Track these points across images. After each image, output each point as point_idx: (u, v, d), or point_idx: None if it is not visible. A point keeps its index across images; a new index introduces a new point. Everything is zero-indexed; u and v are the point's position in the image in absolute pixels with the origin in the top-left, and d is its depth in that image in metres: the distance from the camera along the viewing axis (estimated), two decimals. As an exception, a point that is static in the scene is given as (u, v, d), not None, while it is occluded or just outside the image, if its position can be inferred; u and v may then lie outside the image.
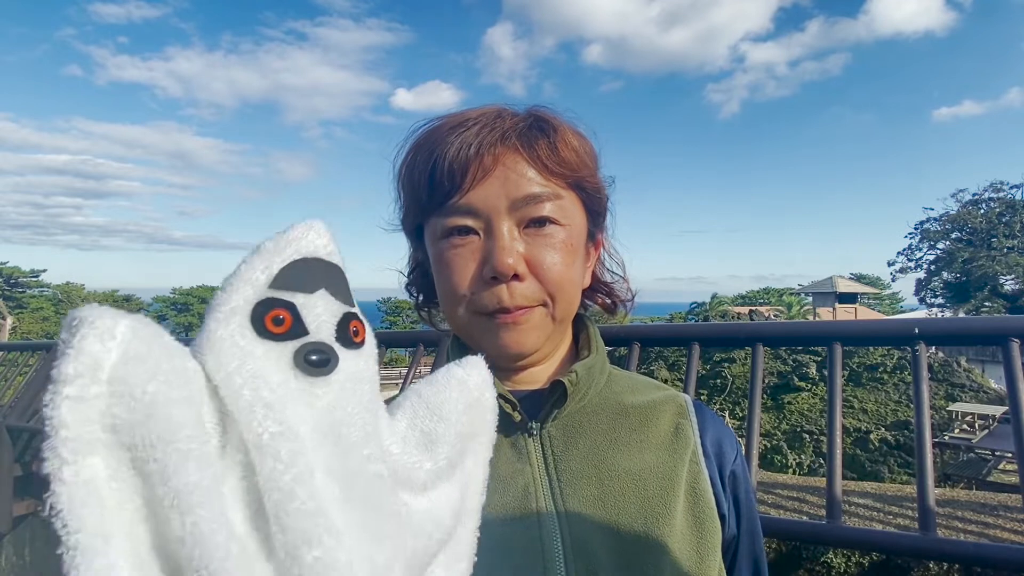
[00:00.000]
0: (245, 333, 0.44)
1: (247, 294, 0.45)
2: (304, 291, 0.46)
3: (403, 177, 0.65)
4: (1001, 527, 1.43)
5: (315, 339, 0.45)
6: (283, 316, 0.44)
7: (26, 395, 3.38)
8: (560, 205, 0.60)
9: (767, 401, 15.15)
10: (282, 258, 0.47)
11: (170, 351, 0.42)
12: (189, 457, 0.39)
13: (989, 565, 1.23)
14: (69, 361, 0.38)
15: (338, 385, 0.45)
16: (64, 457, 0.38)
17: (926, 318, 1.87)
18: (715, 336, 1.70)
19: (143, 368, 0.40)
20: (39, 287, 42.13)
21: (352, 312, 0.48)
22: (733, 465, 0.65)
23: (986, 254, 32.22)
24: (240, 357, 0.43)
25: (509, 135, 0.59)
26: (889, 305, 47.00)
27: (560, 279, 0.60)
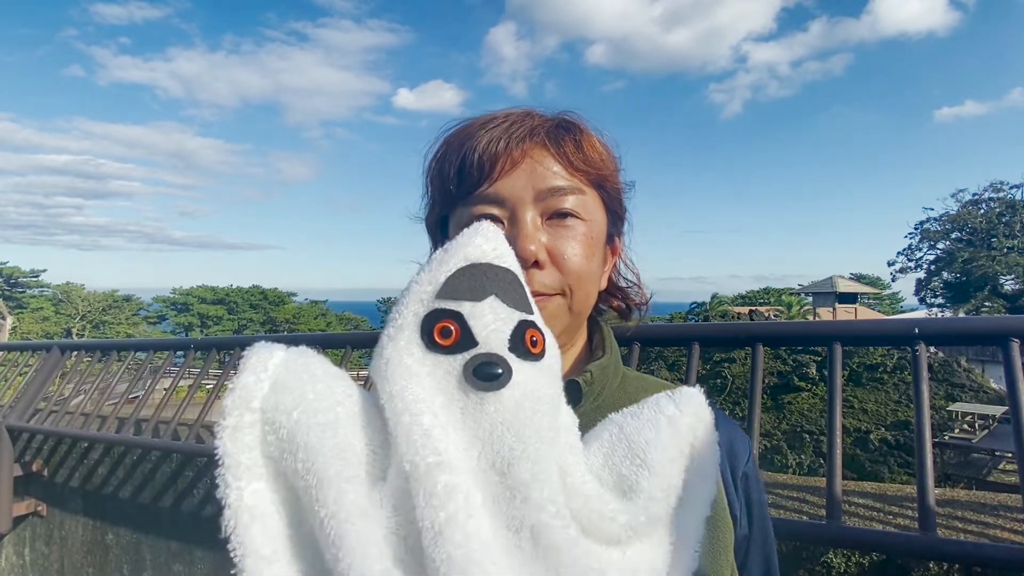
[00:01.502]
0: (413, 350, 0.43)
1: (415, 308, 0.44)
2: (472, 299, 0.44)
3: (432, 171, 0.66)
4: (1001, 527, 1.42)
5: (484, 350, 0.42)
6: (450, 327, 0.43)
7: (26, 395, 3.38)
8: (582, 200, 0.62)
9: (767, 401, 15.14)
10: (448, 267, 0.45)
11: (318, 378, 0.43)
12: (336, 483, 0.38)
13: (989, 565, 1.23)
14: (228, 395, 0.41)
15: (512, 403, 0.41)
16: (229, 483, 0.40)
17: (926, 318, 1.86)
18: (715, 336, 1.70)
19: (289, 396, 0.41)
20: (39, 287, 42.12)
21: (528, 320, 0.45)
22: (745, 466, 0.65)
23: (986, 254, 32.20)
24: (405, 378, 0.42)
25: (537, 131, 0.62)
26: (889, 305, 46.97)
27: (579, 270, 0.61)
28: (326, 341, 2.53)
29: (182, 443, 2.54)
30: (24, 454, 3.27)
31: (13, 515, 3.10)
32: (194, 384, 2.97)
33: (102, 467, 2.92)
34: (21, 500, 3.14)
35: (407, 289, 0.46)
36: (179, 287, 45.54)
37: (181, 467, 2.61)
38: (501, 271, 0.46)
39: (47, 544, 3.13)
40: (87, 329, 39.67)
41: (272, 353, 0.43)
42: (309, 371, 0.43)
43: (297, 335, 12.79)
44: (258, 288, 46.82)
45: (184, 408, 2.73)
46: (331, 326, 43.04)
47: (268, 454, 0.40)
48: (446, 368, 0.42)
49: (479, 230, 0.49)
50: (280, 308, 45.32)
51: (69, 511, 3.05)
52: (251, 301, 45.28)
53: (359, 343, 2.51)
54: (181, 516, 2.59)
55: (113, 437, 2.83)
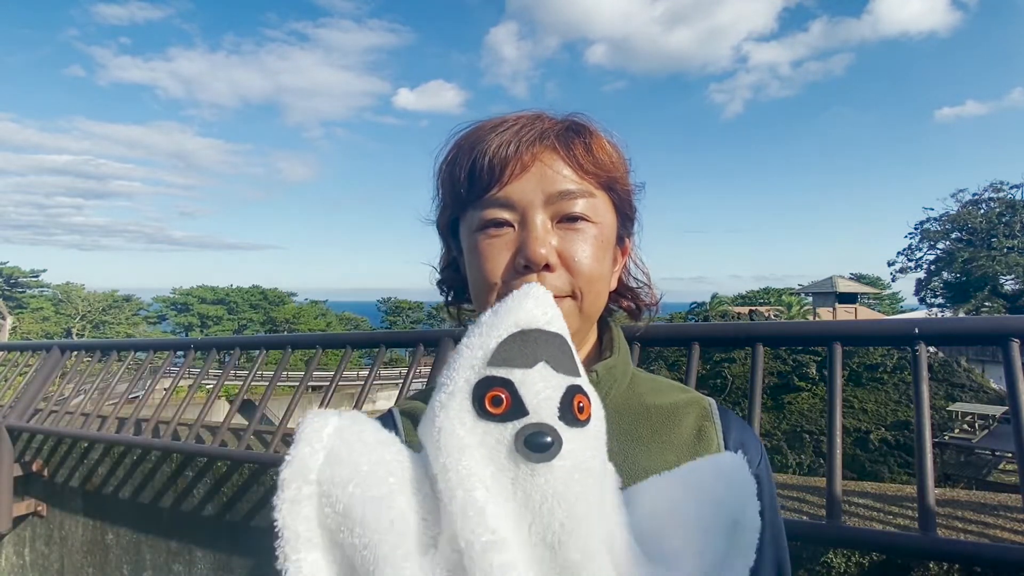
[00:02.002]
0: (464, 418, 0.43)
1: (467, 374, 0.45)
2: (523, 366, 0.44)
3: (443, 173, 0.66)
4: (1001, 527, 1.42)
5: (535, 420, 0.42)
6: (502, 396, 0.43)
7: (26, 395, 3.38)
8: (592, 203, 0.62)
9: (767, 401, 15.15)
10: (499, 332, 0.46)
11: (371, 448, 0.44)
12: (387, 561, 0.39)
13: (989, 565, 1.23)
14: (286, 467, 0.42)
15: (563, 474, 0.42)
16: (288, 555, 0.41)
17: (926, 318, 1.86)
18: (715, 336, 1.70)
19: (344, 469, 0.42)
20: (39, 287, 42.14)
21: (576, 385, 0.46)
22: (756, 469, 0.64)
23: (986, 254, 32.21)
24: (458, 450, 0.42)
25: (547, 134, 0.62)
26: (889, 305, 46.98)
27: (590, 273, 0.61)
28: (326, 341, 2.53)
29: (182, 443, 2.54)
30: (24, 454, 3.27)
31: (13, 515, 3.10)
32: (194, 384, 2.97)
33: (102, 467, 2.92)
34: (21, 500, 3.14)
35: (458, 353, 0.47)
36: (179, 287, 45.59)
37: (181, 467, 2.61)
38: (551, 336, 0.47)
39: (47, 544, 3.13)
40: (87, 329, 39.68)
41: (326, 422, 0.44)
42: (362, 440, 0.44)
43: (297, 335, 12.80)
44: (258, 288, 46.84)
45: (184, 408, 2.73)
46: (331, 326, 43.05)
47: (325, 525, 0.41)
48: (497, 437, 0.42)
49: (530, 293, 0.48)
50: (280, 308, 45.33)
51: (69, 511, 3.05)
52: (251, 301, 45.29)
53: (359, 343, 2.51)
54: (181, 516, 2.59)
55: (113, 437, 2.84)
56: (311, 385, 13.16)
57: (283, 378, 2.59)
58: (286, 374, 2.68)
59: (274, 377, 2.54)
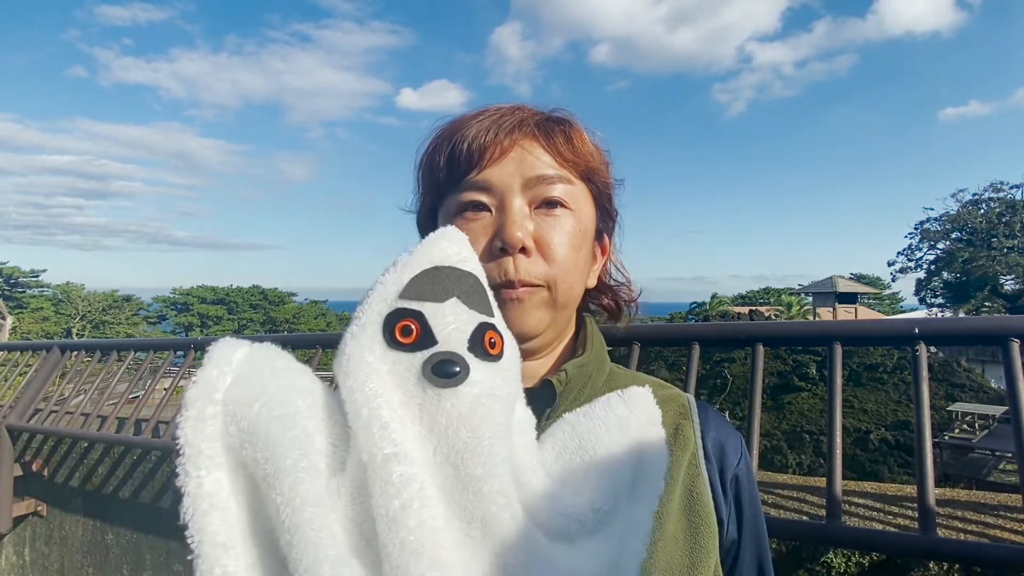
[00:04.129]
0: (374, 347, 0.44)
1: (379, 307, 0.46)
2: (434, 300, 0.45)
3: (424, 164, 0.67)
4: (1001, 527, 1.42)
5: (444, 349, 0.44)
6: (411, 326, 0.44)
7: (26, 395, 3.38)
8: (570, 190, 0.62)
9: (767, 401, 15.15)
10: (413, 268, 0.47)
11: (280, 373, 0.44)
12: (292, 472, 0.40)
13: (989, 565, 1.23)
14: (192, 387, 0.43)
15: (469, 399, 0.43)
16: (189, 471, 0.41)
17: (926, 318, 1.86)
18: (715, 336, 1.70)
19: (251, 389, 0.42)
20: (39, 287, 42.13)
21: (488, 322, 0.47)
22: (736, 469, 0.63)
23: (986, 254, 32.21)
24: (365, 373, 0.43)
25: (527, 123, 0.62)
26: (889, 305, 46.99)
27: (564, 260, 0.61)
28: (326, 341, 2.53)
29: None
30: (24, 454, 3.27)
31: (13, 515, 3.10)
32: (194, 384, 2.97)
33: (102, 467, 2.92)
34: (21, 500, 3.14)
35: (372, 289, 0.47)
36: (179, 287, 45.58)
37: (181, 467, 2.61)
38: (464, 274, 0.48)
39: (47, 544, 3.13)
40: (87, 329, 39.68)
41: (236, 348, 0.44)
42: (272, 366, 0.44)
43: (297, 335, 12.78)
44: (258, 288, 46.82)
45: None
46: (331, 326, 43.03)
47: (228, 444, 0.41)
48: (406, 365, 0.43)
49: (444, 234, 0.50)
50: (280, 308, 45.34)
51: (69, 511, 3.05)
52: (251, 301, 45.28)
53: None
54: (181, 516, 2.59)
55: (113, 437, 2.84)
56: (311, 385, 13.03)
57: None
58: (286, 374, 2.66)
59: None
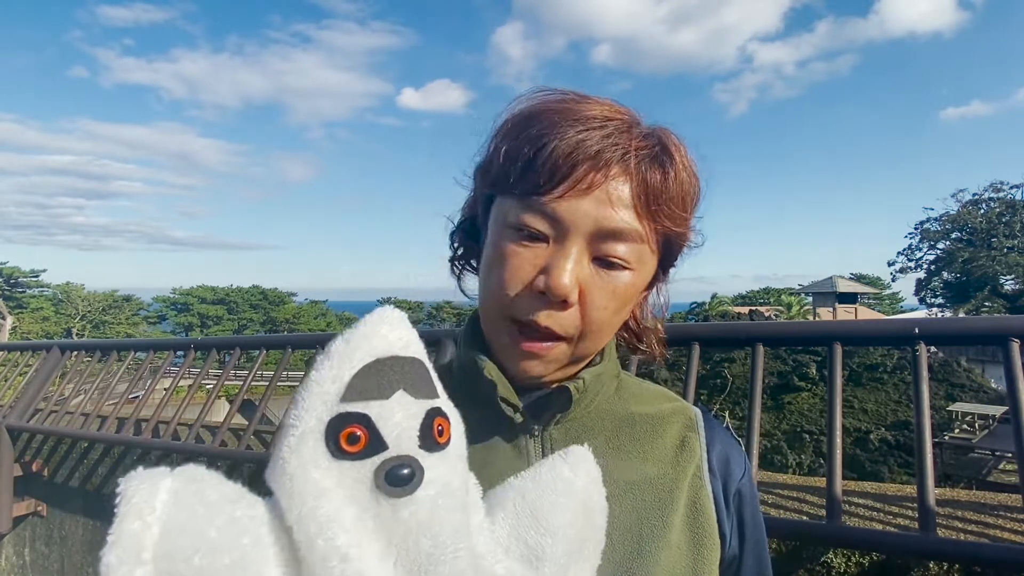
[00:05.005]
0: (319, 460, 0.41)
1: (319, 412, 0.42)
2: (379, 398, 0.42)
3: (501, 137, 0.58)
4: (1001, 527, 1.42)
5: (395, 453, 0.41)
6: (358, 433, 0.41)
7: (26, 395, 3.38)
8: (638, 251, 0.56)
9: (767, 401, 15.15)
10: (352, 363, 0.43)
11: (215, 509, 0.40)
12: None
13: (989, 565, 1.23)
14: (111, 548, 0.37)
15: (427, 501, 0.41)
16: None
17: (926, 318, 1.87)
18: (715, 336, 1.70)
19: (186, 540, 0.38)
20: (39, 287, 42.14)
21: (434, 407, 0.44)
22: (739, 483, 0.63)
23: (986, 254, 32.22)
24: (314, 495, 0.40)
25: (630, 155, 0.54)
26: (889, 305, 46.98)
27: (600, 323, 0.56)
28: (326, 341, 2.53)
29: (182, 443, 2.54)
30: (24, 454, 3.27)
31: (13, 515, 3.10)
32: (194, 384, 2.97)
33: (102, 467, 2.92)
34: (21, 500, 3.14)
35: (307, 389, 0.43)
36: (179, 287, 45.56)
37: (181, 467, 2.61)
38: (407, 361, 0.45)
39: (47, 544, 3.13)
40: (87, 329, 39.68)
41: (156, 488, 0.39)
42: (204, 502, 0.40)
43: (297, 335, 12.77)
44: (258, 288, 46.83)
45: (184, 408, 2.73)
46: (331, 326, 43.01)
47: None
48: (355, 476, 0.41)
49: (384, 318, 0.46)
50: (280, 308, 45.34)
51: (69, 511, 3.05)
52: (251, 301, 45.28)
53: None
54: None
55: (113, 437, 2.84)
56: (311, 385, 13.07)
57: (283, 378, 2.59)
58: (286, 374, 2.68)
59: (274, 377, 2.54)
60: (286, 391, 17.15)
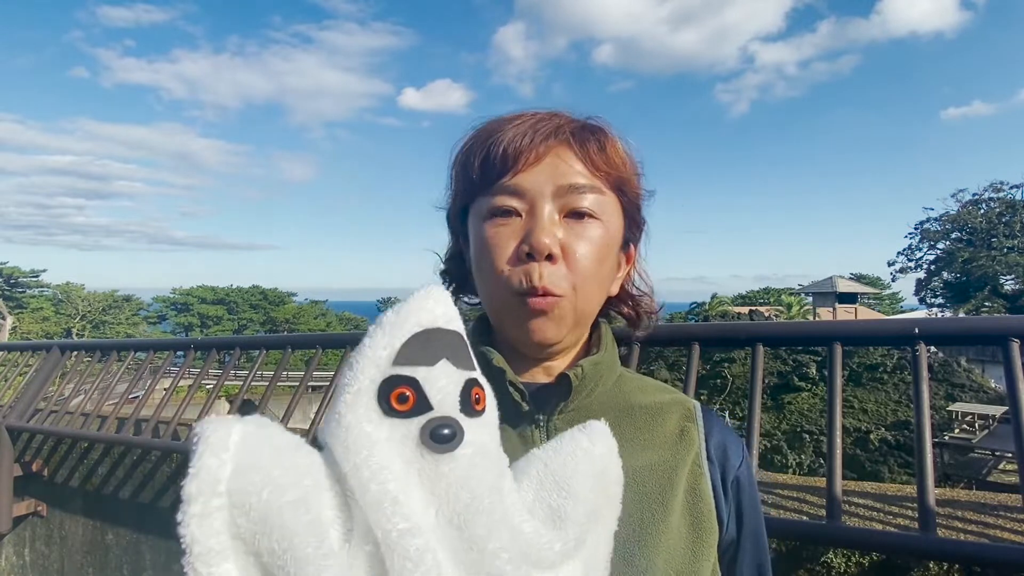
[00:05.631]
0: (371, 416, 0.45)
1: (372, 373, 0.47)
2: (426, 364, 0.47)
3: (458, 162, 0.67)
4: (1001, 527, 1.42)
5: (439, 414, 0.45)
6: (407, 393, 0.45)
7: (26, 395, 3.38)
8: (601, 201, 0.63)
9: (767, 401, 15.15)
10: (403, 332, 0.48)
11: (281, 452, 0.44)
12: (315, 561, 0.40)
13: (989, 565, 1.23)
14: (191, 480, 0.41)
15: (465, 460, 0.45)
16: (199, 569, 0.41)
17: (926, 318, 1.86)
18: (715, 336, 1.70)
19: (256, 477, 0.42)
20: (39, 287, 42.14)
21: (473, 378, 0.49)
22: (737, 471, 0.66)
23: (986, 254, 32.22)
24: (368, 446, 0.44)
25: (563, 130, 0.63)
26: (889, 305, 46.99)
27: (588, 271, 0.62)
28: (326, 341, 2.53)
29: (182, 443, 2.54)
30: (24, 454, 3.27)
31: (13, 515, 3.10)
32: (194, 384, 2.97)
33: (102, 467, 2.92)
34: (21, 500, 3.14)
35: (361, 353, 0.48)
36: (179, 287, 45.55)
37: (181, 467, 2.61)
38: (450, 334, 0.49)
39: (47, 544, 3.13)
40: (87, 329, 39.68)
41: (230, 430, 0.43)
42: (271, 445, 0.44)
43: (297, 335, 12.78)
44: (258, 288, 46.82)
45: (184, 408, 2.73)
46: (331, 326, 43.04)
47: (238, 535, 0.41)
48: (403, 432, 0.45)
49: (430, 294, 0.50)
50: (280, 308, 45.33)
51: (69, 511, 3.05)
52: (251, 301, 45.28)
53: (359, 343, 2.51)
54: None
55: (113, 437, 2.84)
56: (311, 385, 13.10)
57: (283, 378, 2.59)
58: (286, 374, 2.68)
59: (274, 377, 2.54)
60: (286, 391, 17.17)
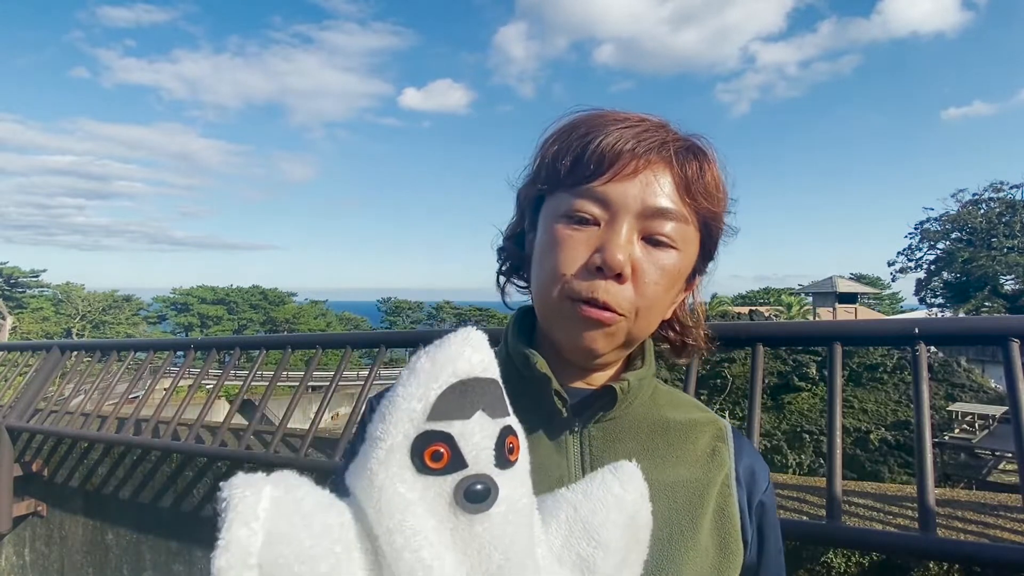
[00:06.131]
0: (405, 476, 0.44)
1: (406, 428, 0.45)
2: (462, 418, 0.45)
3: (549, 144, 0.64)
4: (1001, 527, 1.42)
5: (473, 471, 0.44)
6: (442, 451, 0.44)
7: (26, 395, 3.38)
8: (683, 230, 0.61)
9: (767, 401, 15.14)
10: (438, 384, 0.46)
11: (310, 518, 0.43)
12: None
13: (989, 565, 1.23)
14: (222, 553, 0.40)
15: (499, 518, 0.44)
16: None
17: (926, 318, 1.87)
18: (715, 336, 1.70)
19: (287, 549, 0.41)
20: (39, 287, 42.13)
21: (507, 426, 0.47)
22: (763, 495, 0.66)
23: (986, 254, 32.22)
24: (401, 509, 0.43)
25: (667, 147, 0.60)
26: (889, 305, 46.98)
27: (653, 298, 0.60)
28: (326, 341, 2.53)
29: (182, 443, 2.54)
30: (24, 454, 3.27)
31: (13, 515, 3.10)
32: (194, 384, 2.97)
33: (102, 467, 2.92)
34: (21, 500, 3.14)
35: (393, 404, 0.46)
36: (179, 287, 45.52)
37: (181, 467, 2.61)
38: (486, 383, 0.47)
39: (47, 544, 3.13)
40: (87, 329, 39.67)
41: (260, 495, 0.42)
42: (301, 511, 0.43)
43: (297, 335, 12.79)
44: (258, 288, 46.80)
45: (184, 408, 2.73)
46: (331, 326, 43.04)
47: None
48: (436, 491, 0.44)
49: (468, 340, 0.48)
50: (280, 308, 45.31)
51: (69, 511, 3.05)
52: (251, 301, 45.26)
53: (359, 343, 2.51)
54: (181, 516, 2.59)
55: (113, 437, 2.84)
56: (311, 385, 13.14)
57: (283, 378, 2.59)
58: (286, 374, 2.68)
59: (274, 377, 2.54)
60: (286, 391, 17.19)
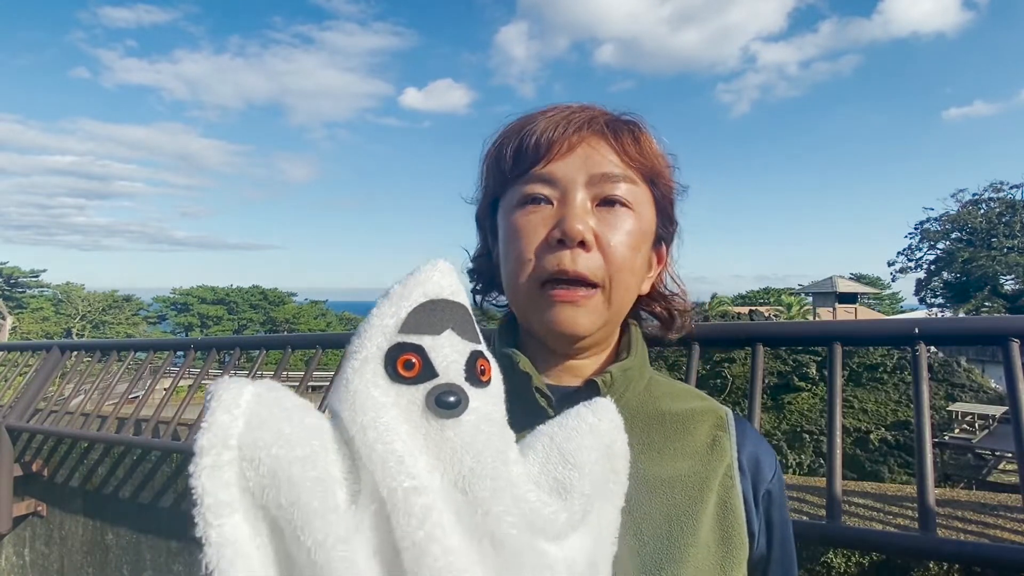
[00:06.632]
0: (378, 381, 0.46)
1: (379, 341, 0.47)
2: (432, 333, 0.47)
3: (490, 156, 0.67)
4: (1001, 527, 1.43)
5: (445, 381, 0.46)
6: (413, 360, 0.46)
7: (26, 395, 3.38)
8: (634, 191, 0.62)
9: (767, 401, 15.14)
10: (409, 302, 0.48)
11: (291, 412, 0.45)
12: (316, 514, 0.41)
13: (989, 565, 1.23)
14: (204, 433, 0.42)
15: (470, 425, 0.46)
16: (209, 520, 0.41)
17: (926, 318, 1.87)
18: (715, 336, 1.70)
19: (266, 433, 0.42)
20: (39, 287, 42.13)
21: (478, 350, 0.49)
22: (769, 484, 0.64)
23: (986, 254, 32.22)
24: (374, 409, 0.45)
25: (597, 120, 0.63)
26: (889, 305, 46.97)
27: (622, 260, 0.61)
28: (326, 341, 2.53)
29: (182, 443, 2.54)
30: (24, 454, 3.27)
31: (13, 515, 3.10)
32: (194, 384, 2.97)
33: (102, 467, 2.92)
34: (21, 500, 3.14)
35: (368, 322, 0.49)
36: (179, 287, 45.50)
37: (181, 467, 2.61)
38: (456, 306, 0.50)
39: (47, 544, 3.13)
40: (87, 329, 39.67)
41: (243, 389, 0.44)
42: (281, 405, 0.45)
43: (297, 335, 12.79)
44: (258, 288, 46.77)
45: (184, 408, 2.73)
46: (331, 326, 42.99)
47: (246, 489, 0.42)
48: (409, 398, 0.46)
49: (437, 267, 0.51)
50: (280, 308, 45.30)
51: (69, 511, 3.05)
52: (251, 301, 45.24)
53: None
54: (181, 516, 2.59)
55: (113, 437, 2.84)
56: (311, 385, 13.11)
57: (283, 378, 2.59)
58: (286, 374, 2.68)
59: (274, 377, 2.54)
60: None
